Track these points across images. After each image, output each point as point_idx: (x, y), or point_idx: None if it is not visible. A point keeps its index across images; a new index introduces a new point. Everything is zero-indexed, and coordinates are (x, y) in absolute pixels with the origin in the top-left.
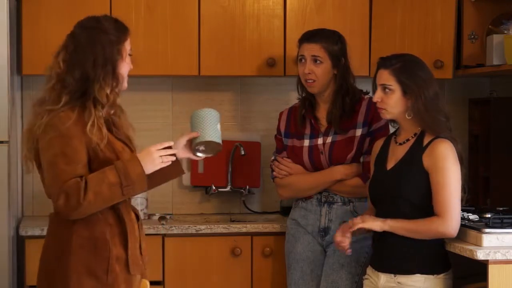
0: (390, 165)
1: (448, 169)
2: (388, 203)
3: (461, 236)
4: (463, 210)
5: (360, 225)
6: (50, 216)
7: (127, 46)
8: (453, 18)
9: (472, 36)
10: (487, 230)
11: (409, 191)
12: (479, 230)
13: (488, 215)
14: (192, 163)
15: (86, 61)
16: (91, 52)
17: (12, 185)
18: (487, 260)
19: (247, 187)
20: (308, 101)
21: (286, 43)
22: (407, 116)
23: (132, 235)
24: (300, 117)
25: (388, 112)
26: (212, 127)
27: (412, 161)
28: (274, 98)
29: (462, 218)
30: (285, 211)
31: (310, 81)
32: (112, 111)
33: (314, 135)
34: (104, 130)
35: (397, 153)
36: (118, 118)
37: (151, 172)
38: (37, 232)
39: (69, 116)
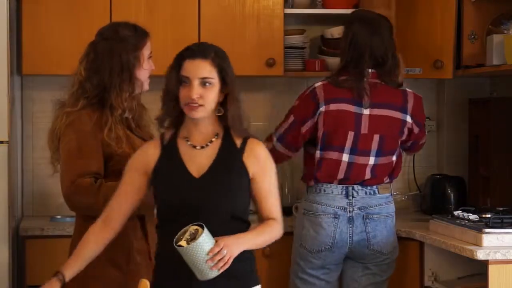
0: (196, 172)
1: (273, 173)
2: (195, 216)
3: (461, 236)
4: (462, 210)
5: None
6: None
7: (146, 51)
8: (453, 18)
9: (472, 36)
10: (487, 230)
11: (227, 198)
12: (479, 230)
13: (488, 215)
14: None
15: (104, 70)
16: (108, 61)
17: (12, 185)
18: (487, 260)
19: None
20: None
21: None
22: (216, 113)
23: (152, 229)
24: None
25: (205, 110)
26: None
27: (229, 165)
28: (274, 98)
29: (462, 218)
30: (285, 211)
31: None
32: (131, 115)
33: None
34: (121, 135)
35: (199, 159)
36: (140, 118)
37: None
38: (37, 232)
39: (90, 116)
